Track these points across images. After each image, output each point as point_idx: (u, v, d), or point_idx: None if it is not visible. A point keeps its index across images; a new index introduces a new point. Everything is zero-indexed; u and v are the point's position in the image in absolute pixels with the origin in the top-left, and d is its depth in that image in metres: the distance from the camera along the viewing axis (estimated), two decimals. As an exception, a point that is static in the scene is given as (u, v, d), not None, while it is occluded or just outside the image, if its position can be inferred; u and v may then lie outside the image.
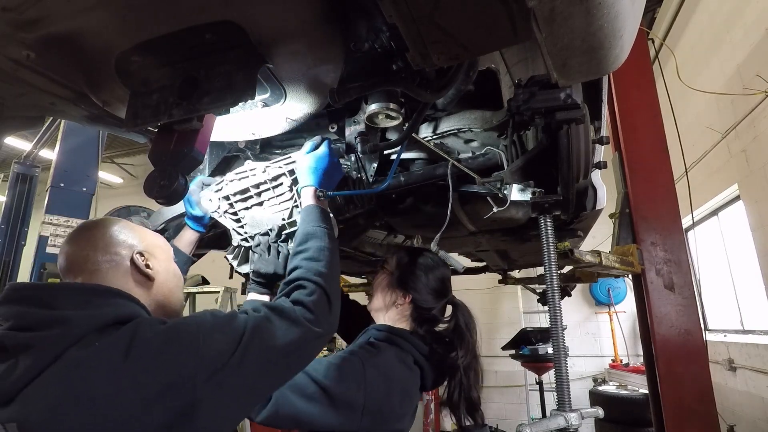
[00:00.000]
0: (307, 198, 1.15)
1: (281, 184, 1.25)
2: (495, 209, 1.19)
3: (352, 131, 1.25)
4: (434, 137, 1.29)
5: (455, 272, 1.40)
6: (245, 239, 1.30)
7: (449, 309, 1.43)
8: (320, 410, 1.06)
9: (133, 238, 0.95)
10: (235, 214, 1.30)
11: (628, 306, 5.97)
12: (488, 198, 1.22)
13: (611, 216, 2.52)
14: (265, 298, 1.20)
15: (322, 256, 1.03)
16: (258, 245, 1.24)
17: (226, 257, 1.36)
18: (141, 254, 0.93)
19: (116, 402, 0.69)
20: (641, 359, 4.31)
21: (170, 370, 0.73)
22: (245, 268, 1.30)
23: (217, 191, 1.30)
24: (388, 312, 1.38)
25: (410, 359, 1.26)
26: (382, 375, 1.17)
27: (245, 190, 1.27)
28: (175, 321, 0.82)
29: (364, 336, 1.34)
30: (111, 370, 0.70)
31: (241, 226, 1.30)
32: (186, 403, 0.72)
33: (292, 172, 1.22)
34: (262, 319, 0.87)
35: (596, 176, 1.42)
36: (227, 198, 1.29)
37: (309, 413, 1.06)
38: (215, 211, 1.31)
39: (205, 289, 5.29)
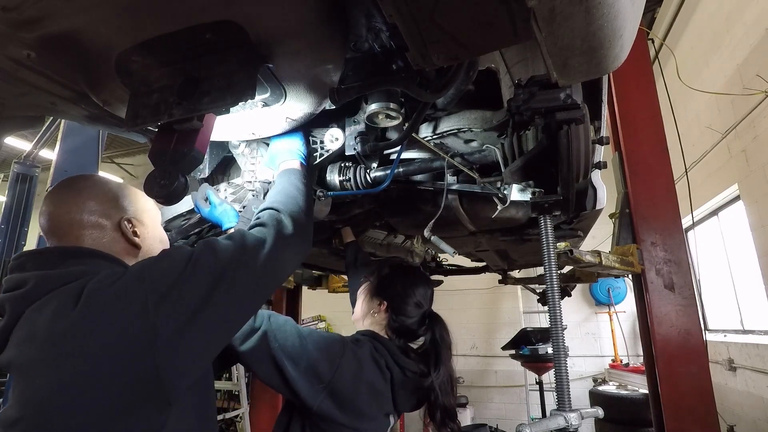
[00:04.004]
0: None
1: None
2: (500, 207, 1.20)
3: (352, 131, 1.25)
4: (434, 137, 1.29)
5: (442, 273, 1.43)
6: (249, 182, 1.40)
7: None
8: (293, 369, 1.11)
9: (122, 202, 0.94)
10: (254, 158, 1.40)
11: (628, 306, 5.97)
12: (494, 198, 1.22)
13: (611, 216, 2.52)
14: None
15: (282, 192, 1.10)
16: (256, 189, 1.35)
17: (225, 190, 1.44)
18: (129, 221, 0.93)
19: (73, 341, 0.70)
20: (641, 359, 4.31)
21: (118, 301, 0.74)
22: (237, 206, 1.38)
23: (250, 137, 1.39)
24: (365, 320, 1.42)
25: (383, 362, 1.26)
26: (356, 364, 1.20)
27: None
28: None
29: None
30: (63, 312, 0.73)
31: (252, 171, 1.39)
32: (142, 329, 0.71)
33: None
34: (212, 240, 0.87)
35: (596, 176, 1.42)
36: (256, 143, 1.38)
37: (282, 360, 1.11)
38: (239, 153, 1.42)
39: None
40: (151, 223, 1.00)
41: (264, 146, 1.37)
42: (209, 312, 0.78)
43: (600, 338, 6.29)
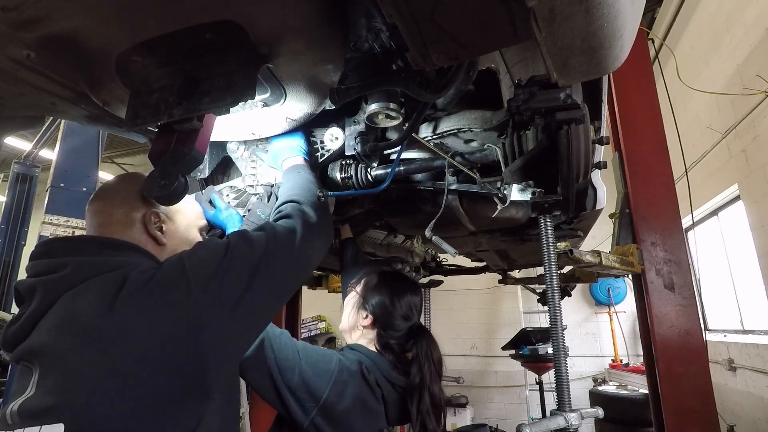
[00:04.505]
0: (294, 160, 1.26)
1: None
2: (500, 207, 1.19)
3: (352, 131, 1.25)
4: (434, 137, 1.29)
5: (442, 273, 1.41)
6: (251, 185, 1.39)
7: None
8: (285, 383, 1.10)
9: None
10: (254, 161, 1.39)
11: (628, 306, 5.97)
12: (494, 198, 1.22)
13: (611, 216, 2.52)
14: None
15: (297, 186, 1.13)
16: (259, 193, 1.35)
17: (227, 195, 1.43)
18: (156, 215, 0.94)
19: (116, 328, 0.69)
20: (641, 359, 4.31)
21: (162, 290, 0.74)
22: (241, 211, 1.38)
23: (245, 140, 1.39)
24: (353, 333, 1.39)
25: (373, 379, 1.25)
26: (349, 382, 1.19)
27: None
28: None
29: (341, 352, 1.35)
30: (106, 299, 0.72)
31: (253, 174, 1.39)
32: (187, 317, 0.72)
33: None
34: (245, 231, 0.90)
35: (596, 176, 1.42)
36: (255, 143, 1.37)
37: (276, 373, 1.10)
38: (238, 158, 1.41)
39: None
40: (183, 223, 1.01)
41: (262, 149, 1.37)
42: (248, 300, 0.80)
43: (600, 338, 6.29)
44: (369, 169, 1.31)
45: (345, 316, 1.43)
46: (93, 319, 0.70)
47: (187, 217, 1.03)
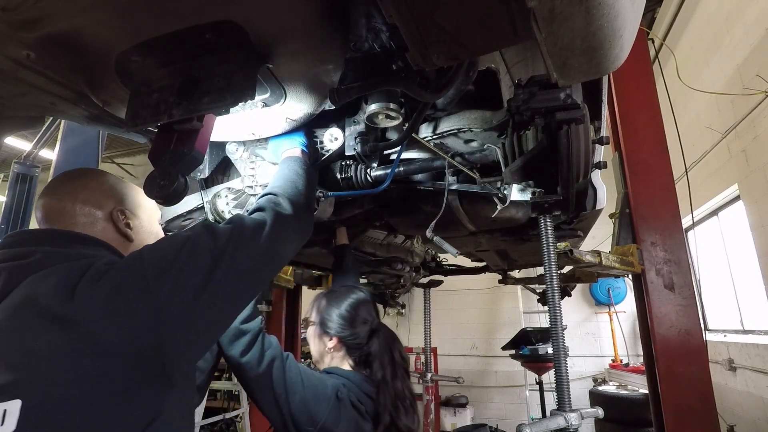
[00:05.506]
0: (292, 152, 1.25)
1: None
2: (500, 207, 1.20)
3: (351, 131, 1.25)
4: (434, 137, 1.29)
5: (442, 273, 1.41)
6: (250, 186, 1.39)
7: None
8: (288, 403, 1.14)
9: (115, 193, 0.96)
10: (253, 162, 1.39)
11: (628, 306, 5.97)
12: (494, 198, 1.22)
13: (611, 216, 2.53)
14: None
15: (281, 178, 1.11)
16: (258, 194, 1.33)
17: (226, 196, 1.43)
18: (122, 212, 0.94)
19: (76, 311, 0.69)
20: (641, 359, 4.31)
21: (121, 278, 0.73)
22: (237, 211, 1.38)
23: (244, 141, 1.39)
24: (325, 359, 1.42)
25: (355, 398, 1.28)
26: (341, 405, 1.22)
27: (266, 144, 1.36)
28: None
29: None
30: (69, 283, 0.72)
31: (252, 175, 1.39)
32: (145, 305, 0.71)
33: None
34: (210, 223, 0.89)
35: (596, 176, 1.42)
36: (253, 144, 1.37)
37: (281, 393, 1.14)
38: (237, 159, 1.41)
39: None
40: (147, 218, 1.01)
41: (262, 149, 1.37)
42: (210, 291, 0.78)
43: (600, 338, 6.29)
44: (369, 170, 1.31)
45: (313, 349, 1.46)
46: (53, 303, 0.70)
47: (148, 210, 1.02)
